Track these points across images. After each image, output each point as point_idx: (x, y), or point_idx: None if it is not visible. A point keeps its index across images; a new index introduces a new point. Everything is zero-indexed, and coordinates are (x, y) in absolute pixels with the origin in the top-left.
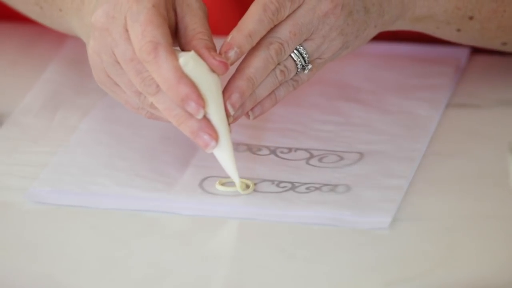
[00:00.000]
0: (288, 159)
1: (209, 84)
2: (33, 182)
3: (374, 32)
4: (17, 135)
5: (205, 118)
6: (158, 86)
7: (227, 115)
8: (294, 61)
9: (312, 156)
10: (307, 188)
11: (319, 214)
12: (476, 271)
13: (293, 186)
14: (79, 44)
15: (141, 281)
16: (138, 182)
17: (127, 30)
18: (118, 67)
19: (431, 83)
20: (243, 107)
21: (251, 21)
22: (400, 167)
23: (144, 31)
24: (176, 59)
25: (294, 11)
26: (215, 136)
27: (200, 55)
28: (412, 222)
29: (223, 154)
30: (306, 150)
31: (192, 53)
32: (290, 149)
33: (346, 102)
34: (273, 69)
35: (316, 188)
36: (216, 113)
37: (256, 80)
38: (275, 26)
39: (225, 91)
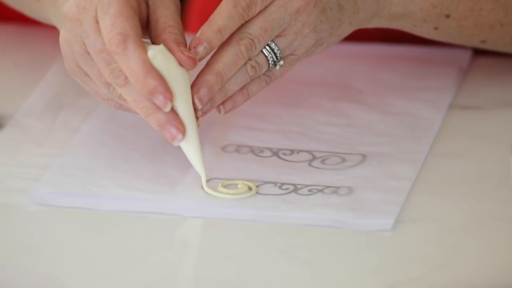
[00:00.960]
0: (291, 161)
1: (177, 78)
2: (35, 184)
3: (350, 30)
4: (19, 137)
5: (173, 111)
6: (126, 78)
7: (195, 109)
8: (266, 56)
9: (314, 158)
10: (309, 190)
11: (321, 216)
12: (479, 272)
13: (296, 188)
14: None
15: (143, 282)
16: (140, 184)
17: (97, 21)
18: (88, 58)
19: (433, 85)
20: (212, 102)
21: (221, 17)
22: (402, 169)
23: (114, 23)
24: (145, 51)
25: (265, 7)
26: (182, 129)
27: (169, 49)
28: (414, 223)
29: (190, 148)
30: (308, 152)
31: (161, 46)
32: (292, 151)
33: (349, 104)
34: (244, 65)
35: (319, 190)
36: (184, 107)
37: (225, 75)
38: (246, 22)
39: (193, 85)
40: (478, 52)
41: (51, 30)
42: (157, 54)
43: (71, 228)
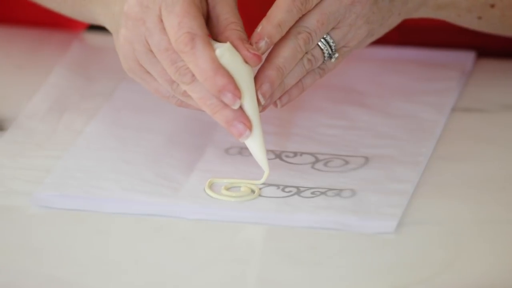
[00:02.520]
0: (294, 163)
1: (243, 75)
2: (38, 186)
3: (398, 20)
4: (22, 139)
5: (239, 107)
6: (193, 75)
7: (258, 104)
8: (321, 49)
9: (317, 160)
10: (312, 193)
11: (324, 218)
12: (482, 275)
13: (299, 191)
14: (84, 48)
15: (146, 285)
16: (143, 186)
17: (161, 20)
18: (151, 56)
19: (436, 88)
20: (272, 96)
21: (280, 11)
22: (405, 172)
23: (180, 22)
24: (213, 50)
25: (321, 0)
26: (249, 125)
27: (234, 46)
28: (417, 226)
29: (255, 144)
30: (311, 154)
31: (228, 44)
32: (295, 153)
33: (352, 106)
34: (301, 58)
35: (322, 193)
36: (249, 103)
37: (285, 69)
38: (303, 15)
39: (256, 81)
40: (481, 55)
41: (54, 33)
42: (225, 52)
43: (74, 230)
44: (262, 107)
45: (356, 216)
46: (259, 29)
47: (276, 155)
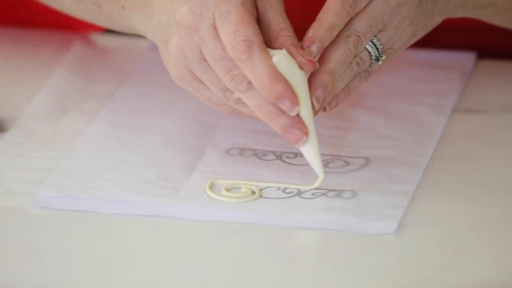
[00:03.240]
0: (294, 164)
1: (299, 81)
2: (39, 187)
3: (439, 20)
4: (23, 140)
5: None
6: (249, 83)
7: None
8: (369, 52)
9: None
10: (313, 194)
11: (325, 219)
12: (483, 276)
13: (299, 192)
14: (85, 49)
15: (146, 285)
16: (144, 187)
17: (215, 29)
18: (204, 65)
19: (437, 88)
20: (324, 101)
21: (331, 15)
22: (406, 173)
23: (236, 30)
24: (270, 57)
25: (369, 3)
26: (306, 131)
27: (289, 52)
28: (418, 227)
29: (310, 149)
30: None
31: (284, 51)
32: (296, 154)
33: (352, 107)
34: (350, 62)
35: (322, 194)
36: (304, 109)
37: (337, 73)
38: (351, 18)
39: (309, 86)
40: (482, 56)
41: (55, 34)
42: (281, 59)
43: (74, 231)
44: (314, 112)
45: (356, 217)
46: (310, 33)
47: (276, 156)
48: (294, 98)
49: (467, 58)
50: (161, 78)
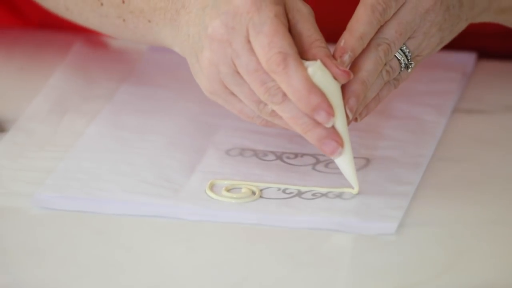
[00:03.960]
0: (294, 165)
1: (334, 92)
2: (39, 188)
3: (465, 25)
4: (23, 141)
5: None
6: (284, 95)
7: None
8: (398, 60)
9: (318, 161)
10: (313, 194)
11: (325, 220)
12: (483, 276)
13: (299, 192)
14: (86, 50)
15: (146, 286)
16: (144, 187)
17: (249, 41)
18: (238, 77)
19: (437, 89)
20: (356, 111)
21: (362, 24)
22: (406, 173)
23: (270, 42)
24: (305, 69)
25: (398, 10)
26: (341, 142)
27: (323, 63)
28: (418, 227)
29: (345, 160)
30: (312, 155)
31: (319, 63)
32: (296, 155)
33: None
34: (380, 71)
35: (322, 194)
36: (339, 120)
37: (368, 82)
38: (381, 26)
39: (343, 96)
40: (482, 57)
41: (55, 35)
42: (317, 71)
43: (75, 232)
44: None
45: (357, 218)
46: (342, 43)
47: (277, 156)
48: (330, 110)
49: (467, 59)
50: (162, 79)
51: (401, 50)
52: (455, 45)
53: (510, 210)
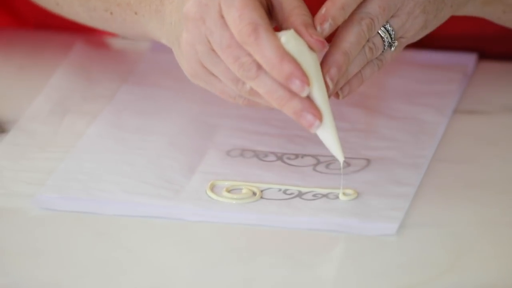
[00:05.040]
0: (295, 165)
1: (309, 62)
2: (40, 188)
3: (450, 13)
4: (24, 141)
5: (308, 97)
6: (258, 69)
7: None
8: (382, 38)
9: (319, 162)
10: (314, 195)
11: (326, 220)
12: (484, 277)
13: (300, 193)
14: (86, 50)
15: (147, 287)
16: (145, 188)
17: (222, 17)
18: (214, 55)
19: (438, 89)
20: (337, 84)
21: None
22: (407, 174)
23: (241, 14)
24: (277, 38)
25: None
26: (319, 115)
27: (297, 32)
28: (419, 228)
29: (327, 133)
30: (313, 156)
31: (291, 31)
32: (297, 155)
33: (353, 108)
34: (363, 46)
35: (323, 195)
36: (317, 91)
37: (351, 54)
38: (364, 1)
39: (323, 66)
40: (483, 57)
41: (56, 34)
42: (290, 39)
43: (75, 233)
44: (328, 94)
45: (357, 218)
46: (323, 11)
47: (277, 157)
48: (303, 77)
49: (468, 59)
50: (163, 79)
51: (385, 28)
52: (455, 46)
53: (511, 210)
